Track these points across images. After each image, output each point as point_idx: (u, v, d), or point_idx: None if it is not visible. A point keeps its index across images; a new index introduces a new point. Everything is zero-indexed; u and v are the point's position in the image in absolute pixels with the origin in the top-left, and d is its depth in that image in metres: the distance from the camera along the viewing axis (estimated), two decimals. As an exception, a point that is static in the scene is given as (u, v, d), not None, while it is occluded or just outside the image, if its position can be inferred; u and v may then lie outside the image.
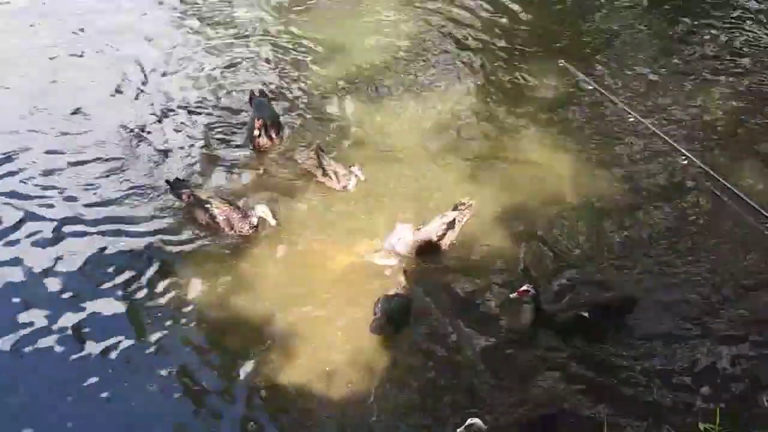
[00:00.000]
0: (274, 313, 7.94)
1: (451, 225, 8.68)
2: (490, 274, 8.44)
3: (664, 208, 9.27)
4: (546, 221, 9.09)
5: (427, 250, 8.61)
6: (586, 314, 7.68)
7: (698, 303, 8.11)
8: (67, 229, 8.80)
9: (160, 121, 10.51)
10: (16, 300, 7.97)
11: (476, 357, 7.58)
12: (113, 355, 7.51)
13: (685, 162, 9.74)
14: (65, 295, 8.06)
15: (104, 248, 8.61)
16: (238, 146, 10.11)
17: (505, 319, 7.92)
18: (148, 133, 10.28)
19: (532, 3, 13.20)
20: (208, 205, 8.71)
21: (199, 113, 10.67)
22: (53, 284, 8.17)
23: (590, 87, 11.08)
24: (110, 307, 7.97)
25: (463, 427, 6.60)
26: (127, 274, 8.30)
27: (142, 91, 11.06)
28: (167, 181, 9.13)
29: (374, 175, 9.60)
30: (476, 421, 6.56)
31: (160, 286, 8.23)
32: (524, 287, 7.67)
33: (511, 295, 7.76)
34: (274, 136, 9.88)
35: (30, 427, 6.91)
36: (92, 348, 7.55)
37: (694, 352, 7.59)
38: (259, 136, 9.77)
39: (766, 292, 8.23)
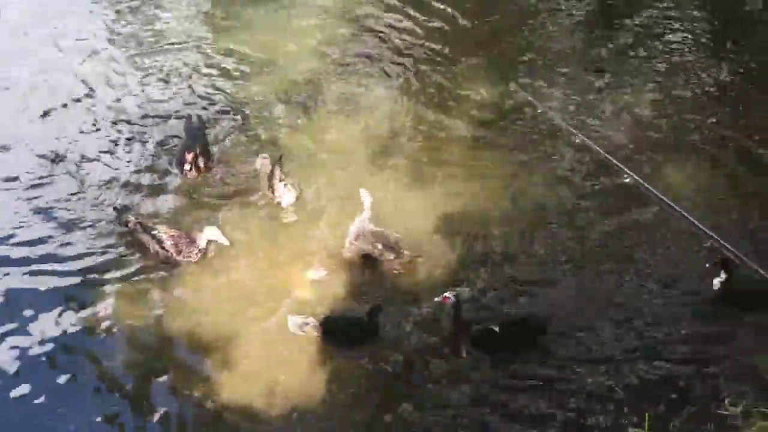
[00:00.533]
0: (217, 333, 8.05)
1: (388, 259, 8.85)
2: (428, 282, 8.66)
3: (598, 218, 9.52)
4: (482, 229, 9.33)
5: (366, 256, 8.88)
6: (496, 328, 7.91)
7: (626, 313, 8.38)
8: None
9: (91, 144, 10.44)
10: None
11: (415, 371, 7.82)
12: (53, 385, 7.58)
13: (627, 180, 9.96)
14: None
15: (38, 277, 8.59)
16: (170, 170, 10.08)
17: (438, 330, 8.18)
18: (77, 157, 10.20)
19: (466, 10, 13.29)
20: (156, 232, 8.71)
21: (131, 135, 10.62)
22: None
23: (528, 99, 11.30)
24: (48, 332, 8.05)
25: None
26: (61, 303, 8.32)
27: (71, 111, 10.98)
28: (114, 208, 9.13)
29: (312, 189, 9.79)
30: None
31: (98, 313, 8.26)
32: (446, 293, 7.97)
33: (436, 299, 8.06)
34: (202, 165, 9.86)
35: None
36: (28, 382, 7.61)
37: (621, 360, 7.86)
38: (190, 170, 9.78)
39: (690, 300, 8.54)
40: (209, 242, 8.78)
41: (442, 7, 13.34)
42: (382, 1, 13.41)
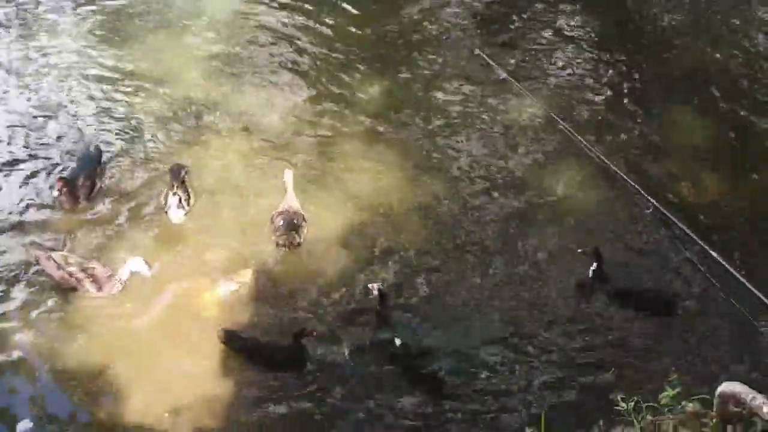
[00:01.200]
0: (125, 356, 8.10)
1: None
2: (331, 291, 8.97)
3: (496, 216, 9.92)
4: (387, 230, 9.68)
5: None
6: (398, 342, 8.25)
7: (522, 319, 8.81)
8: None
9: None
10: None
11: (317, 386, 8.11)
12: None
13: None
14: None
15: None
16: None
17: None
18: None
19: (359, 17, 13.10)
20: (72, 268, 8.46)
21: (17, 159, 10.26)
22: None
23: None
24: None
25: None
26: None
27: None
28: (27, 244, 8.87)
29: (209, 202, 9.83)
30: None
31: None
32: (374, 284, 8.45)
33: (369, 285, 8.50)
34: (80, 194, 9.57)
35: None
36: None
37: (518, 362, 8.33)
38: (60, 195, 9.47)
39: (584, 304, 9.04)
40: (133, 273, 8.61)
41: (335, 16, 13.08)
42: (275, 10, 13.06)
